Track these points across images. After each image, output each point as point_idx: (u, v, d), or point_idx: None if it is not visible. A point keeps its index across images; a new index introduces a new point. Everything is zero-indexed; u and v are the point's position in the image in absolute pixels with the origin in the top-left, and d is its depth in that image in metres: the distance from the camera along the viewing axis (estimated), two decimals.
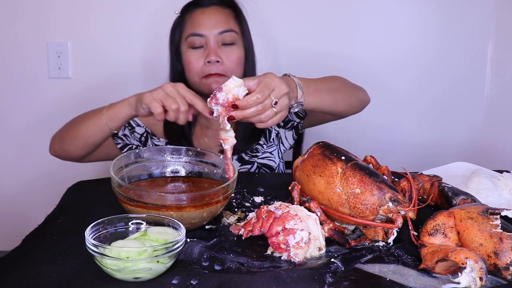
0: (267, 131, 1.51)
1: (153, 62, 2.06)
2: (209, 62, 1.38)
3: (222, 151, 1.05)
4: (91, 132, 1.27)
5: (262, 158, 1.49)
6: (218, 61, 1.38)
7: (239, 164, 1.47)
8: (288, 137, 1.54)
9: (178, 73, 1.48)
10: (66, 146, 1.33)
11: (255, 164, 1.48)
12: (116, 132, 1.27)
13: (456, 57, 2.12)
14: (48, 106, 2.05)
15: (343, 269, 0.80)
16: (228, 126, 1.02)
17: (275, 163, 1.50)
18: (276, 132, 1.52)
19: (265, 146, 1.50)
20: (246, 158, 1.48)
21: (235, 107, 1.01)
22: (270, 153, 1.50)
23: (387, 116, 2.12)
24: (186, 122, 1.11)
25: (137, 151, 1.09)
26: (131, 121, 1.47)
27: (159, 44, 2.05)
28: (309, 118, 1.55)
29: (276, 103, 1.01)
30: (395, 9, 2.08)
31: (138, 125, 1.48)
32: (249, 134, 1.46)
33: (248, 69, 1.46)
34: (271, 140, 1.51)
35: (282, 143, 1.53)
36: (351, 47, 2.09)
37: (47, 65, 2.02)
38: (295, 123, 1.53)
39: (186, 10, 1.46)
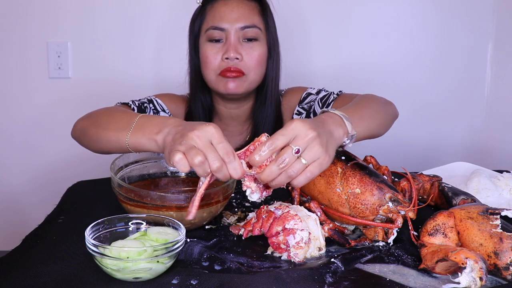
0: None
1: (153, 61, 2.07)
2: (227, 58, 1.30)
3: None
4: (112, 146, 1.05)
5: None
6: (237, 58, 1.30)
7: None
8: None
9: (195, 68, 1.40)
10: (86, 143, 1.16)
11: None
12: None
13: (456, 57, 2.12)
14: (48, 106, 2.05)
15: (343, 269, 0.80)
16: (256, 196, 0.87)
17: None
18: None
19: None
20: None
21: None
22: None
23: None
24: (227, 178, 0.84)
25: None
26: (156, 105, 1.41)
27: (159, 43, 2.06)
28: None
29: (298, 151, 0.81)
30: (395, 9, 2.08)
31: (163, 110, 1.42)
32: None
33: (270, 69, 1.38)
34: None
35: None
36: (351, 48, 2.09)
37: (47, 65, 2.02)
38: None
39: (208, 0, 1.37)
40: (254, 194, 0.87)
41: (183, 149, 0.82)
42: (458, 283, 0.74)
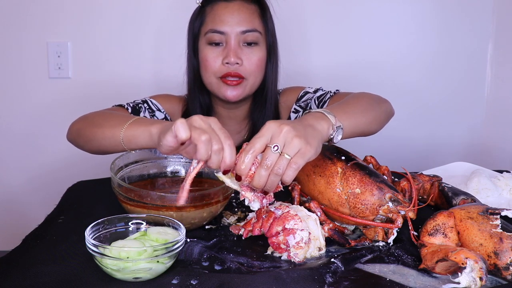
0: None
1: (153, 61, 2.07)
2: (227, 63, 1.30)
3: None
4: (106, 143, 1.09)
5: None
6: (237, 63, 1.30)
7: None
8: None
9: (194, 69, 1.39)
10: (82, 144, 1.19)
11: None
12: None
13: (456, 57, 2.13)
14: (48, 106, 2.05)
15: (343, 269, 0.80)
16: (256, 205, 0.88)
17: None
18: None
19: None
20: None
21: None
22: None
23: None
24: (218, 166, 0.86)
25: (137, 151, 1.09)
26: (151, 105, 1.40)
27: (159, 43, 2.06)
28: None
29: (277, 148, 0.82)
30: (395, 9, 2.08)
31: (159, 110, 1.41)
32: None
33: (270, 72, 1.38)
34: None
35: None
36: (351, 49, 2.09)
37: (47, 65, 2.02)
38: None
39: (208, 1, 1.35)
40: (253, 203, 0.88)
41: (188, 124, 0.83)
42: (458, 283, 0.74)
